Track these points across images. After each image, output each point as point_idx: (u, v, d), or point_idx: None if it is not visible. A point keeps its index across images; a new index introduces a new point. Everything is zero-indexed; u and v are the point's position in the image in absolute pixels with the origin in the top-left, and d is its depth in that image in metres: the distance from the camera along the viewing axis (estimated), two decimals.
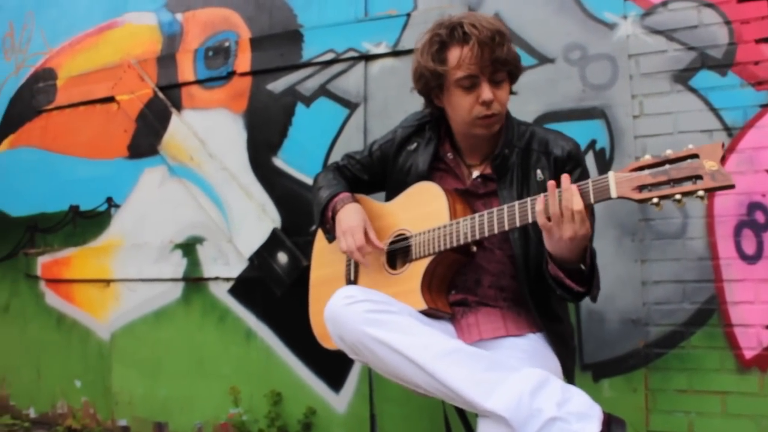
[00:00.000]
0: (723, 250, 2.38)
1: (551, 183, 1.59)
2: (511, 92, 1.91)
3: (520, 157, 1.89)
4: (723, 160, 1.39)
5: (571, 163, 1.85)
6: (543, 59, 2.65)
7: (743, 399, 2.32)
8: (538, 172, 1.86)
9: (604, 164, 2.53)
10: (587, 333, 2.51)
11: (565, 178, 1.57)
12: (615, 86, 2.55)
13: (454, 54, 1.79)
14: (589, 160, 2.52)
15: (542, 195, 1.61)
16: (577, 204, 1.53)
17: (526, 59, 2.62)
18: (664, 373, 2.42)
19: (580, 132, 2.54)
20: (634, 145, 2.50)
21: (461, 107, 1.84)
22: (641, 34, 2.52)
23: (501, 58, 1.78)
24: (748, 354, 2.32)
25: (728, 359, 2.35)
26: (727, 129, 2.39)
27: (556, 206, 1.56)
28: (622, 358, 2.47)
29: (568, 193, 1.54)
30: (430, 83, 1.88)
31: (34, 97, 3.89)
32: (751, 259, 2.34)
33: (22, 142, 3.93)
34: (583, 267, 1.65)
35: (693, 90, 2.45)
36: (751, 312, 2.33)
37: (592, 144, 2.56)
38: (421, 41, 1.90)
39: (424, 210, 1.90)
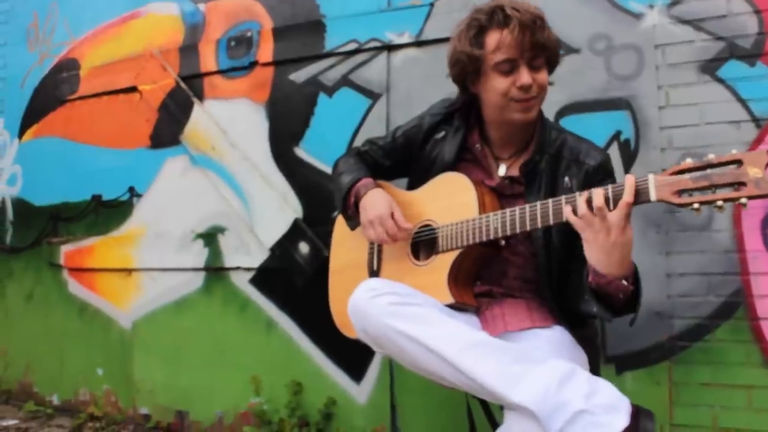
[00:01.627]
0: (749, 243, 2.35)
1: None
2: (549, 81, 1.87)
3: (549, 164, 1.86)
4: (767, 166, 1.36)
5: (601, 174, 1.82)
6: (568, 49, 2.62)
7: None
8: (566, 179, 1.83)
9: (629, 156, 2.50)
10: (611, 325, 2.48)
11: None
12: (641, 77, 2.51)
13: (494, 38, 1.77)
14: (614, 152, 2.50)
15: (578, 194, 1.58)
16: (628, 196, 1.49)
17: None
18: (689, 366, 2.39)
19: (604, 123, 2.54)
20: (659, 136, 2.47)
21: (497, 90, 1.80)
22: (668, 24, 2.49)
23: (541, 42, 1.76)
24: None
25: (754, 353, 2.32)
26: (755, 120, 2.36)
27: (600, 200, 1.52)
28: (646, 351, 2.45)
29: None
30: (467, 68, 1.85)
31: (58, 87, 3.92)
32: None
33: (45, 131, 3.97)
34: (625, 282, 1.59)
35: (720, 80, 2.41)
36: None
37: (617, 135, 2.53)
38: (458, 27, 1.87)
39: (451, 201, 1.89)
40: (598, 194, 1.52)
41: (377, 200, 1.97)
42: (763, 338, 2.31)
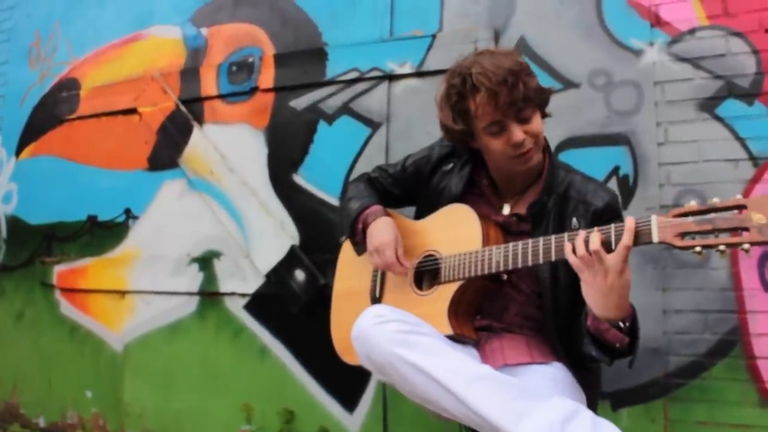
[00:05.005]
0: (747, 281, 2.35)
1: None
2: (546, 115, 1.88)
3: (557, 204, 1.86)
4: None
5: (608, 215, 1.81)
6: (568, 84, 2.64)
7: None
8: (574, 220, 1.82)
9: (628, 191, 2.51)
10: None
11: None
12: (640, 113, 2.53)
13: (472, 105, 1.77)
14: (613, 187, 2.48)
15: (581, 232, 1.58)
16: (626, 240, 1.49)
17: (550, 84, 2.61)
18: (684, 404, 2.38)
19: (603, 158, 2.55)
20: (658, 172, 2.48)
21: (494, 151, 1.82)
22: (668, 62, 2.51)
23: (519, 98, 1.73)
24: None
25: (750, 392, 2.30)
26: (753, 159, 2.37)
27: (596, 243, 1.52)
28: (642, 388, 2.43)
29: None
30: (458, 136, 1.88)
31: (57, 106, 3.93)
32: None
33: (43, 150, 3.96)
34: (622, 325, 1.60)
35: (719, 119, 2.43)
36: None
37: (615, 170, 2.54)
38: (439, 93, 1.88)
39: (456, 233, 1.89)
40: (595, 236, 1.53)
41: (384, 228, 1.97)
42: (760, 377, 2.29)
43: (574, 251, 1.55)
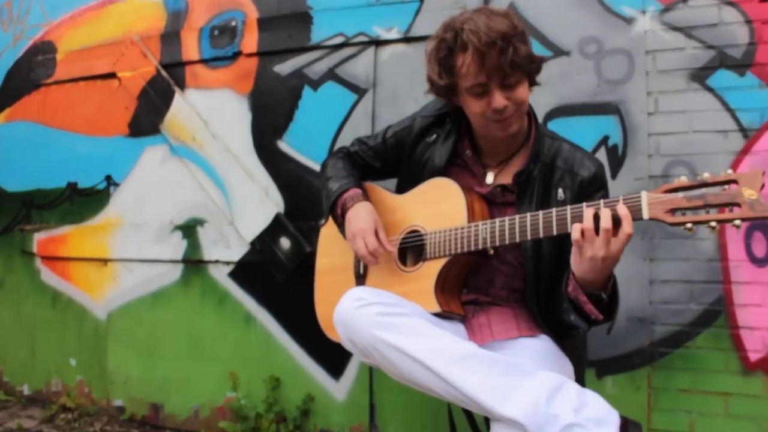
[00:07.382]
0: (733, 252, 2.37)
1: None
2: (535, 84, 1.82)
3: (542, 173, 1.83)
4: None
5: (595, 185, 1.80)
6: (558, 51, 2.61)
7: (746, 401, 2.33)
8: (560, 191, 1.80)
9: (617, 161, 2.50)
10: (592, 330, 2.46)
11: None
12: (630, 82, 2.51)
13: (459, 61, 1.72)
14: (602, 157, 2.49)
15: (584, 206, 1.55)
16: (627, 227, 1.47)
17: (540, 51, 2.57)
18: (668, 372, 2.42)
19: (592, 127, 2.54)
20: (647, 142, 2.47)
21: (473, 111, 1.78)
22: (659, 31, 2.48)
23: (507, 63, 1.67)
24: (753, 357, 2.32)
25: (733, 361, 2.35)
26: (743, 130, 2.37)
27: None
28: (627, 356, 2.47)
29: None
30: (441, 91, 1.83)
31: (33, 70, 3.80)
32: (761, 262, 2.34)
33: (19, 115, 3.85)
34: (604, 295, 1.60)
35: (710, 89, 2.42)
36: (758, 315, 2.33)
37: (604, 140, 2.53)
38: (429, 45, 1.83)
39: (440, 208, 1.86)
40: (607, 215, 1.48)
41: (362, 214, 1.94)
42: (743, 347, 2.34)
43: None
